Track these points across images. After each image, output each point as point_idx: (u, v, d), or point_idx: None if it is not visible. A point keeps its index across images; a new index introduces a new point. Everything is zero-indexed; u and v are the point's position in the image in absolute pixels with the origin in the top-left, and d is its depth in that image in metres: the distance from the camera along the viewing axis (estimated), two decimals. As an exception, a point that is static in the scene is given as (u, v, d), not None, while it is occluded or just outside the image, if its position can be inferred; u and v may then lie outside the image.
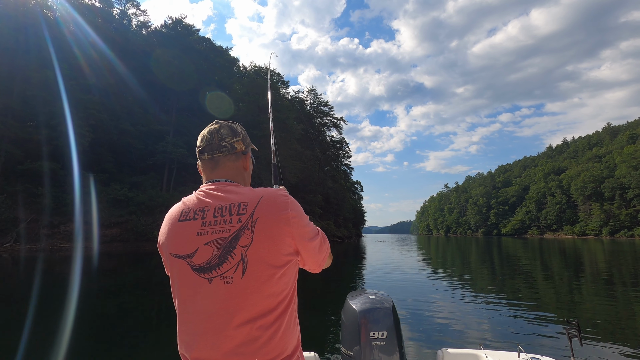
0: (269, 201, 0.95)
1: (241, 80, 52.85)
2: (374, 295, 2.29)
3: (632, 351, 4.69)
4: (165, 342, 5.44)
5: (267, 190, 0.99)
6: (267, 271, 0.91)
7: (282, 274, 0.93)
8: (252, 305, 0.89)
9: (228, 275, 0.91)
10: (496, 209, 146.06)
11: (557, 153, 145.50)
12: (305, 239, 0.98)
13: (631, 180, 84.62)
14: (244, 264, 0.90)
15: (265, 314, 0.90)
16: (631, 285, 10.33)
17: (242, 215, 0.93)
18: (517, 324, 6.13)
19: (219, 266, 0.92)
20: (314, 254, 1.03)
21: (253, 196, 0.96)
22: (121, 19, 48.37)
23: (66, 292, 9.41)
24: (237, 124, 1.14)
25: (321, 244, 1.06)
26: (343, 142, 78.30)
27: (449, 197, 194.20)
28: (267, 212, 0.93)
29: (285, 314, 0.94)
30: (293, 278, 0.99)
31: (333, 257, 1.20)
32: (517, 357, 2.28)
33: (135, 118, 40.75)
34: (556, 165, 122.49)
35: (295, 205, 0.98)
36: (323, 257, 1.08)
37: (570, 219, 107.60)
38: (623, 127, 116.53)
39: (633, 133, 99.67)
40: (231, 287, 0.90)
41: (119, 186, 35.02)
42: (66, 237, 29.55)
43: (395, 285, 10.88)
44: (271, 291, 0.91)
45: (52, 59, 32.77)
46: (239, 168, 1.10)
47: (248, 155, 1.13)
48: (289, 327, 0.95)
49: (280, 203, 0.96)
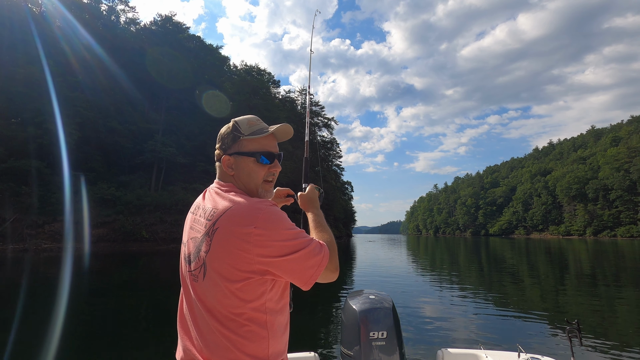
0: (233, 214, 0.92)
1: (232, 79, 52.47)
2: (374, 295, 2.30)
3: (632, 351, 4.70)
4: (153, 344, 5.37)
5: (241, 202, 0.94)
6: (221, 282, 0.91)
7: (237, 289, 0.89)
8: (212, 307, 0.92)
9: (196, 274, 0.97)
10: (484, 210, 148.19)
11: (543, 155, 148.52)
12: (273, 257, 0.90)
13: (614, 181, 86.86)
14: (204, 268, 0.94)
15: (225, 322, 0.91)
16: (630, 285, 10.45)
17: (208, 222, 0.96)
18: (517, 324, 6.14)
19: (192, 262, 0.98)
20: (294, 272, 0.93)
21: (225, 205, 0.95)
22: (109, 16, 47.50)
23: (51, 294, 9.20)
24: (226, 125, 1.11)
25: (306, 260, 0.93)
26: (334, 142, 78.55)
27: (438, 198, 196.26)
28: (226, 225, 0.91)
29: (245, 327, 0.91)
30: (258, 296, 0.92)
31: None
32: (517, 357, 2.29)
33: (124, 116, 40.04)
34: (542, 167, 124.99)
35: (268, 222, 0.90)
36: (310, 274, 0.95)
37: (555, 219, 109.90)
38: (606, 130, 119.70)
39: (615, 136, 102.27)
40: (197, 285, 0.96)
41: (106, 185, 34.35)
42: (51, 237, 28.86)
43: (393, 285, 10.91)
44: (226, 302, 0.90)
45: (38, 55, 32.07)
46: (223, 172, 1.09)
47: (224, 158, 1.07)
48: (252, 340, 0.92)
49: (245, 217, 0.90)
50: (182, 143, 42.20)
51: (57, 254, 24.39)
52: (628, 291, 9.44)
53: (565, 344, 4.69)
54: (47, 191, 29.96)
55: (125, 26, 49.08)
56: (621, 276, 13.05)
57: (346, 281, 11.87)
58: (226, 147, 1.08)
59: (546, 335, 5.47)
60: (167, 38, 46.80)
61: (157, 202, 35.65)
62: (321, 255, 0.97)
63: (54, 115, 30.35)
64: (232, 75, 55.18)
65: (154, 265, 18.57)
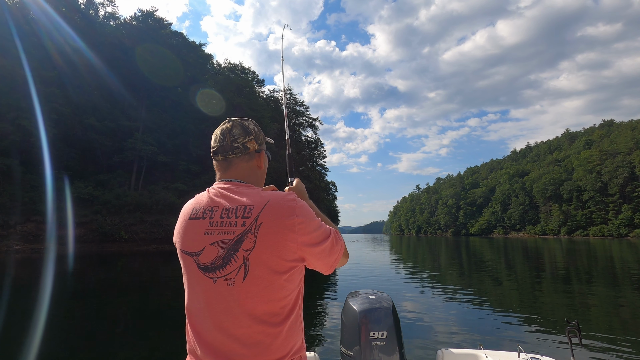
0: (274, 206, 0.94)
1: (215, 77, 51.70)
2: (374, 295, 2.28)
3: (631, 351, 4.74)
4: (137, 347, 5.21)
5: (274, 195, 0.98)
6: (268, 277, 0.91)
7: (284, 280, 0.93)
8: (254, 308, 0.91)
9: (230, 278, 0.92)
10: (465, 210, 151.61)
11: (521, 157, 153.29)
12: (311, 245, 0.96)
13: (586, 183, 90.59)
14: (245, 268, 0.91)
15: (267, 318, 0.91)
16: (628, 285, 10.60)
17: (246, 219, 0.93)
18: (517, 324, 6.15)
19: (222, 267, 0.93)
20: (324, 257, 1.00)
21: (260, 200, 0.96)
22: (87, 9, 45.90)
23: (21, 299, 8.80)
24: (249, 121, 1.12)
25: (332, 246, 1.02)
26: (318, 142, 78.59)
27: (420, 198, 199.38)
28: (271, 218, 0.92)
29: (288, 319, 0.94)
30: (297, 284, 0.98)
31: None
32: (517, 357, 2.29)
33: (102, 113, 38.74)
34: (520, 168, 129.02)
35: (303, 210, 0.96)
36: (335, 258, 1.04)
37: (532, 219, 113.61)
38: (580, 133, 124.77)
39: (588, 139, 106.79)
40: (233, 290, 0.91)
41: (83, 184, 33.21)
42: (23, 238, 27.70)
43: (393, 285, 10.94)
44: (272, 296, 0.92)
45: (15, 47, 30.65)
46: (252, 168, 1.09)
47: (262, 153, 1.11)
48: (291, 331, 0.95)
49: (286, 209, 0.94)
50: (164, 141, 41.27)
51: (30, 255, 23.41)
52: (627, 291, 9.53)
53: (565, 344, 4.70)
54: (19, 190, 28.69)
55: (104, 20, 47.53)
56: (618, 275, 13.18)
57: (345, 281, 11.85)
58: (260, 143, 1.11)
59: (546, 335, 5.48)
60: (149, 34, 45.61)
61: (137, 201, 34.73)
62: (341, 242, 1.06)
63: (31, 111, 29.17)
64: (216, 74, 54.36)
65: (133, 266, 18.08)
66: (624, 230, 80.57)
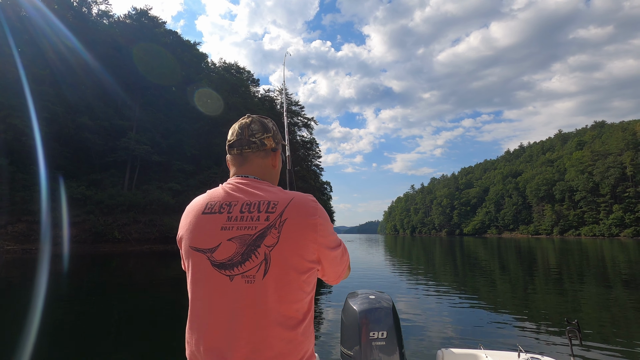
0: (299, 204, 0.93)
1: (210, 76, 51.42)
2: (374, 295, 2.28)
3: (632, 350, 4.76)
4: (131, 347, 5.15)
5: (297, 194, 0.97)
6: (289, 275, 0.89)
7: (303, 281, 0.91)
8: (271, 308, 0.86)
9: (250, 275, 0.87)
10: (459, 210, 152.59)
11: (515, 157, 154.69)
12: (328, 248, 0.96)
13: (578, 183, 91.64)
14: (266, 264, 0.87)
15: (284, 321, 0.88)
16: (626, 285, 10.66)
17: (270, 214, 0.91)
18: (517, 324, 6.15)
19: (241, 264, 0.88)
20: (335, 265, 1.01)
21: (284, 197, 0.95)
22: (80, 7, 45.35)
23: (11, 300, 8.67)
24: (269, 120, 1.11)
25: (342, 255, 1.04)
26: (313, 142, 78.52)
27: (415, 198, 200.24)
28: (296, 215, 0.91)
29: (302, 323, 0.91)
30: (312, 287, 0.97)
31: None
32: (517, 357, 2.29)
33: (95, 112, 38.26)
34: (513, 169, 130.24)
35: (323, 213, 0.96)
36: (343, 268, 1.06)
37: (525, 219, 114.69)
38: (572, 134, 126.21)
39: (580, 140, 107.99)
40: (252, 287, 0.87)
41: (76, 184, 32.76)
42: (14, 239, 27.27)
43: (392, 284, 10.95)
44: (290, 297, 0.89)
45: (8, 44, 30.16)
46: (267, 166, 1.07)
47: (278, 152, 1.10)
48: (304, 337, 0.92)
49: (310, 208, 0.94)
50: (157, 141, 40.89)
51: (21, 256, 23.08)
52: (624, 290, 9.57)
53: (565, 344, 4.70)
54: (9, 189, 28.24)
55: (97, 19, 47.01)
56: (615, 275, 13.25)
57: (344, 281, 11.77)
58: (277, 142, 1.10)
59: (546, 335, 5.48)
60: (143, 32, 45.17)
61: (131, 201, 34.38)
62: (348, 254, 1.07)
63: (23, 110, 28.70)
64: (211, 73, 54.06)
65: (127, 267, 17.90)
66: (615, 230, 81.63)
